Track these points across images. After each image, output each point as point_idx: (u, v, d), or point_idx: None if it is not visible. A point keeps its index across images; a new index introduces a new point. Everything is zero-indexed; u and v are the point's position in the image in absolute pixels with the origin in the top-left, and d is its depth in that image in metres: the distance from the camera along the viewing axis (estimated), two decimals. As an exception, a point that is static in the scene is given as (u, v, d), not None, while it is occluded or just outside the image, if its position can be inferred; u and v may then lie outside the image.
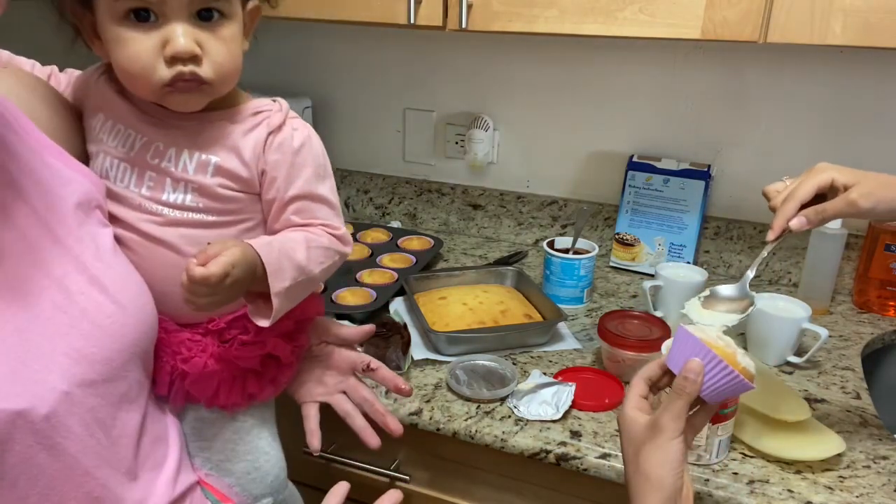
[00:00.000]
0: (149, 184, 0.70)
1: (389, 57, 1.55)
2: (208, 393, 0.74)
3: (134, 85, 0.66)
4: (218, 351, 0.74)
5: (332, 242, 0.74)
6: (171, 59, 0.62)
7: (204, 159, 0.70)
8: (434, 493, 1.04)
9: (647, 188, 1.37)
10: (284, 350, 0.77)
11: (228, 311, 0.75)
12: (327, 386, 0.85)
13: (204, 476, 0.76)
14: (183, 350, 0.73)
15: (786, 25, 0.93)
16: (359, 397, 0.84)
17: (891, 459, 0.87)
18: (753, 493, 0.81)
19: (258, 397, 0.77)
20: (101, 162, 0.71)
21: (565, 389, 0.95)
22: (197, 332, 0.75)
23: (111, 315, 0.61)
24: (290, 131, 0.73)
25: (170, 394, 0.74)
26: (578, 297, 1.25)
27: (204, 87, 0.65)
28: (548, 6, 1.04)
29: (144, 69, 0.63)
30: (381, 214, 1.67)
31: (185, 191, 0.70)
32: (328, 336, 0.86)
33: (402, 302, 1.23)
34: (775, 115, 1.30)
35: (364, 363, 0.85)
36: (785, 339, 1.05)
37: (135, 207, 0.70)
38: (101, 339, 0.60)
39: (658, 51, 1.34)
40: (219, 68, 0.65)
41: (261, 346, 0.75)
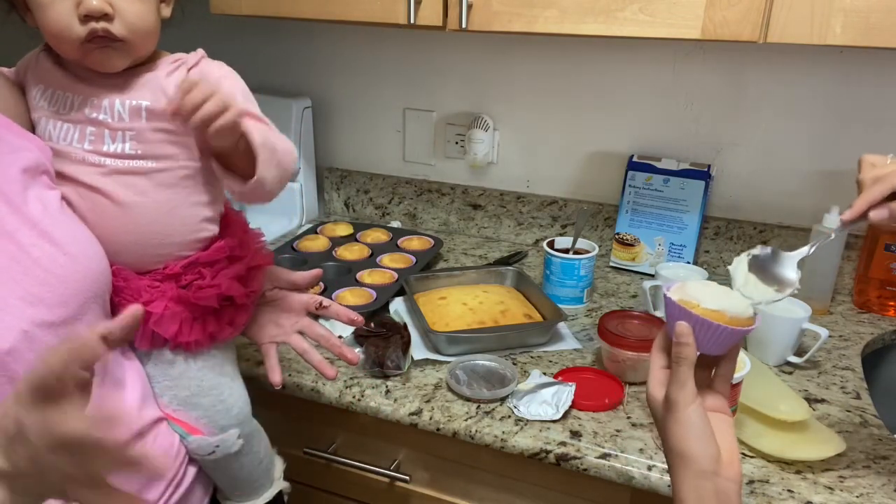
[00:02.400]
0: (90, 138, 0.75)
1: (389, 57, 1.55)
2: (172, 331, 0.79)
3: (58, 45, 0.73)
4: (177, 294, 0.79)
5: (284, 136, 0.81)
6: (85, 18, 0.69)
7: (135, 105, 0.75)
8: (434, 493, 1.04)
9: (647, 188, 1.37)
10: (239, 290, 0.82)
11: (183, 256, 0.81)
12: (283, 327, 0.91)
13: (172, 412, 0.82)
14: (144, 294, 0.78)
15: (786, 25, 0.93)
16: (314, 334, 0.90)
17: (891, 459, 0.87)
18: (753, 493, 0.81)
19: (218, 337, 0.83)
20: (43, 125, 0.76)
21: (565, 389, 0.95)
22: (155, 279, 0.80)
23: (63, 265, 0.68)
24: (207, 64, 0.81)
25: (134, 337, 0.79)
26: (578, 297, 1.25)
27: (118, 44, 0.72)
28: (548, 6, 1.04)
29: (63, 29, 0.70)
30: (381, 214, 1.67)
31: (124, 139, 0.75)
32: (279, 282, 0.93)
33: (402, 302, 1.23)
34: (775, 115, 1.30)
35: (316, 302, 0.91)
36: (785, 339, 1.05)
37: (79, 161, 0.75)
38: (55, 285, 0.66)
39: (658, 51, 1.34)
40: (130, 26, 0.72)
41: (216, 288, 0.80)
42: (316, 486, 1.12)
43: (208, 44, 1.71)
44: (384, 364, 1.01)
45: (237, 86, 0.80)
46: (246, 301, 0.84)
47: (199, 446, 0.83)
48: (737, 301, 0.64)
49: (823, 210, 1.20)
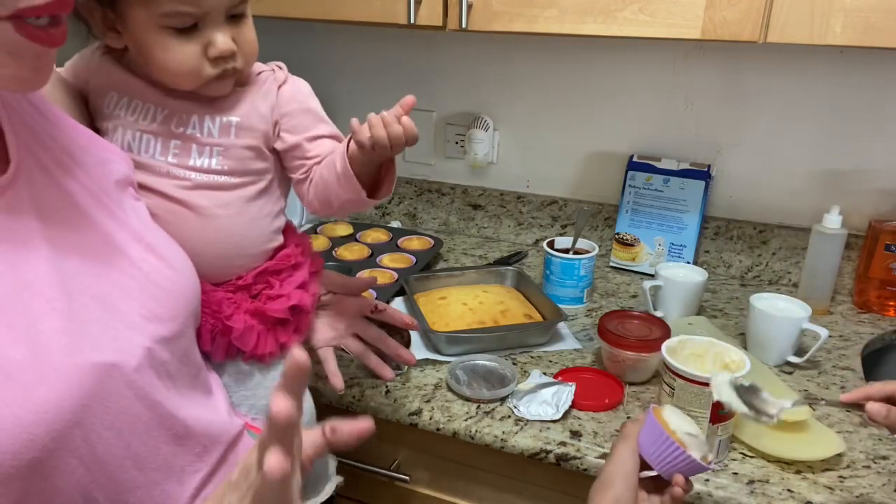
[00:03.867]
0: (174, 151, 0.76)
1: (389, 57, 1.55)
2: (251, 345, 0.80)
3: (177, 81, 0.73)
4: (252, 306, 0.80)
5: None
6: (216, 60, 0.71)
7: (226, 122, 0.76)
8: (434, 493, 1.04)
9: (647, 188, 1.37)
10: (306, 299, 0.83)
11: (252, 267, 0.81)
12: (338, 330, 0.92)
13: (251, 421, 0.81)
14: (224, 308, 0.79)
15: (786, 25, 0.93)
16: (370, 337, 0.92)
17: (891, 459, 0.87)
18: (753, 493, 0.81)
19: (288, 345, 0.83)
20: (120, 136, 0.76)
21: (565, 389, 0.95)
22: (228, 291, 0.80)
23: (170, 278, 0.67)
24: (295, 82, 0.84)
25: (211, 349, 0.79)
26: (578, 297, 1.25)
27: (237, 74, 0.75)
28: (548, 6, 1.04)
29: (191, 70, 0.71)
30: (381, 214, 1.67)
31: (211, 154, 0.76)
32: (334, 286, 0.93)
33: (402, 302, 1.23)
34: (775, 115, 1.30)
35: (372, 305, 0.92)
36: (785, 339, 1.05)
37: (163, 175, 0.75)
38: (166, 300, 0.65)
39: (658, 51, 1.34)
40: (249, 58, 0.75)
41: (286, 299, 0.81)
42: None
43: (208, 44, 1.68)
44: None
45: (316, 101, 0.85)
46: (311, 308, 0.85)
47: None
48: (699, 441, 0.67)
49: (823, 210, 1.20)
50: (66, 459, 0.54)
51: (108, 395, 0.57)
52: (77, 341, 0.56)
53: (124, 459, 0.59)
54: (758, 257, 1.37)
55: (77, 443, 0.54)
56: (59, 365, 0.53)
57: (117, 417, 0.58)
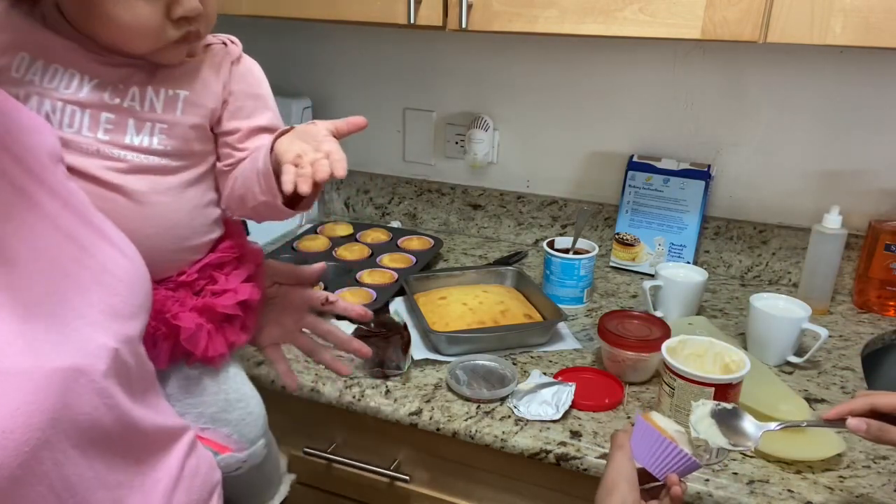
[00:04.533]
0: (106, 126, 0.66)
1: (389, 57, 1.55)
2: (201, 346, 0.73)
3: (130, 43, 0.64)
4: (199, 303, 0.73)
5: None
6: (181, 21, 0.64)
7: (172, 95, 0.68)
8: (434, 493, 1.04)
9: (647, 188, 1.37)
10: (256, 294, 0.77)
11: (195, 260, 0.75)
12: (286, 327, 0.85)
13: (199, 432, 0.75)
14: (168, 307, 0.71)
15: (786, 25, 0.93)
16: (320, 332, 0.85)
17: (891, 459, 0.87)
18: (753, 493, 0.81)
19: (237, 344, 0.77)
20: (35, 106, 0.64)
21: (565, 389, 0.95)
22: (169, 288, 0.72)
23: (126, 269, 0.58)
24: (250, 63, 0.76)
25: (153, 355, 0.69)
26: (578, 297, 1.25)
27: (196, 41, 0.68)
28: (548, 6, 1.04)
29: (153, 30, 0.63)
30: (381, 214, 1.67)
31: (152, 132, 0.67)
32: (280, 277, 0.85)
33: (402, 302, 1.23)
34: (775, 115, 1.30)
35: (322, 298, 0.84)
36: (785, 339, 1.05)
37: (91, 154, 0.65)
38: (124, 293, 0.57)
39: (658, 51, 1.34)
40: (210, 23, 0.68)
41: (234, 293, 0.75)
42: (316, 486, 1.12)
43: (208, 44, 1.68)
44: (384, 364, 1.01)
45: (269, 94, 0.78)
46: (258, 304, 0.79)
47: (228, 464, 0.77)
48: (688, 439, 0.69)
49: (823, 210, 1.20)
50: (35, 488, 0.45)
51: (76, 405, 0.48)
52: (34, 344, 0.47)
53: (91, 480, 0.51)
54: (758, 257, 1.37)
55: (47, 467, 0.46)
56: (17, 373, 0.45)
57: (86, 433, 0.49)
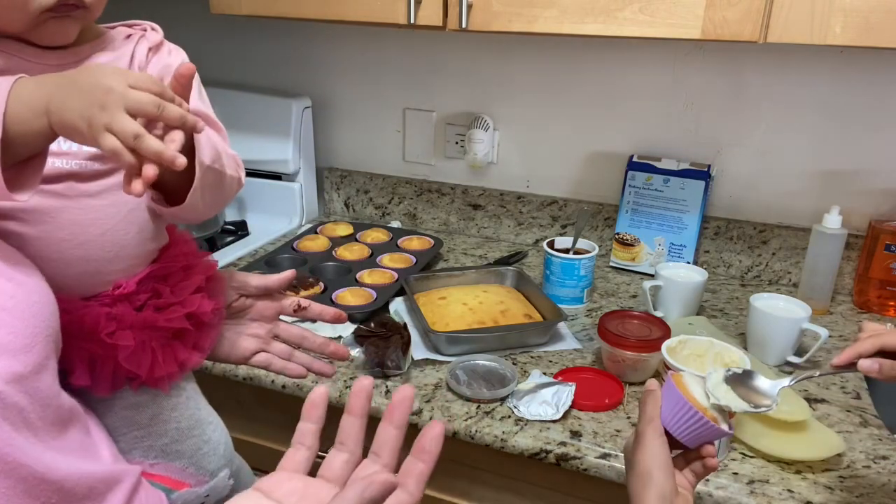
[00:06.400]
0: None
1: (389, 57, 1.55)
2: (146, 366, 0.66)
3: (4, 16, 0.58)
4: (139, 318, 0.66)
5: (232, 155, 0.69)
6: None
7: None
8: (434, 493, 1.04)
9: (647, 188, 1.37)
10: (206, 306, 0.70)
11: (133, 273, 0.67)
12: (259, 337, 0.80)
13: (148, 467, 0.68)
14: (102, 326, 0.64)
15: (786, 25, 0.93)
16: (294, 337, 0.81)
17: (891, 459, 0.87)
18: (753, 493, 0.81)
19: (188, 364, 0.70)
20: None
21: (565, 389, 0.95)
22: (104, 304, 0.65)
23: (13, 295, 0.51)
24: (169, 49, 0.70)
25: (91, 383, 0.64)
26: (578, 297, 1.25)
27: (79, 12, 0.60)
28: (548, 6, 1.04)
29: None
30: (381, 214, 1.67)
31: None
32: (246, 289, 0.79)
33: (402, 302, 1.23)
34: (775, 115, 1.30)
35: (293, 304, 0.80)
36: (785, 339, 1.05)
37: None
38: (13, 324, 0.49)
39: (658, 51, 1.34)
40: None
41: (180, 306, 0.68)
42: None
43: (208, 44, 1.72)
44: (384, 364, 1.01)
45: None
46: (214, 319, 0.72)
47: (187, 501, 0.70)
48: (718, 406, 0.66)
49: (823, 210, 1.20)
50: None
51: None
52: None
53: None
54: (758, 257, 1.37)
55: None
56: None
57: None
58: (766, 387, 0.69)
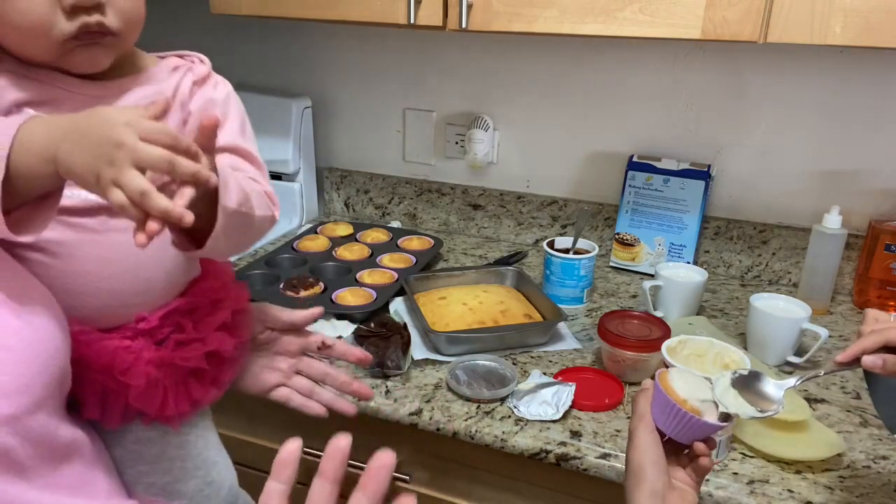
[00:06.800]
0: None
1: (389, 57, 1.55)
2: (155, 404, 0.65)
3: (25, 43, 0.57)
4: (156, 355, 0.65)
5: (264, 194, 0.66)
6: (72, 9, 0.55)
7: None
8: (434, 493, 1.04)
9: (647, 188, 1.37)
10: (228, 344, 0.69)
11: (158, 306, 0.67)
12: (281, 371, 0.79)
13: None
14: (118, 361, 0.63)
15: (786, 25, 0.93)
16: (317, 373, 0.79)
17: (891, 459, 0.87)
18: (753, 493, 0.81)
19: (203, 402, 0.69)
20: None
21: (565, 389, 0.95)
22: (125, 337, 0.65)
23: (18, 332, 0.50)
24: (215, 82, 0.69)
25: (103, 416, 0.64)
26: (578, 297, 1.25)
27: (108, 39, 0.59)
28: (548, 6, 1.04)
29: (41, 23, 0.55)
30: (381, 214, 1.67)
31: None
32: (274, 322, 0.78)
33: (402, 302, 1.23)
34: (775, 115, 1.30)
35: (317, 342, 0.79)
36: (785, 339, 1.05)
37: None
38: (14, 363, 0.49)
39: (658, 51, 1.34)
40: (125, 15, 0.59)
41: (202, 344, 0.67)
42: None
43: (208, 44, 1.72)
44: (384, 364, 1.01)
45: (236, 112, 0.69)
46: (234, 355, 0.71)
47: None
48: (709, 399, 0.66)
49: (823, 210, 1.20)
50: None
51: None
52: None
53: None
54: (758, 257, 1.37)
55: None
56: None
57: None
58: (772, 388, 0.69)
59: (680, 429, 0.65)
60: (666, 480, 0.63)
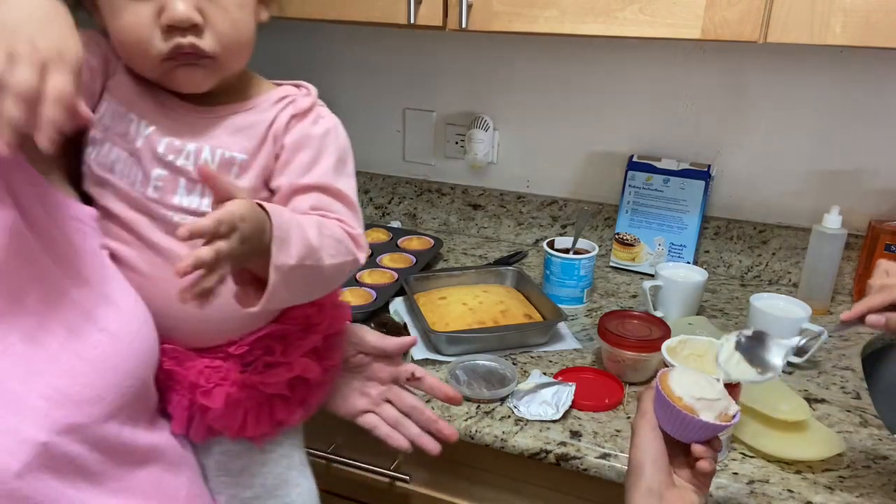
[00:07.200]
0: (156, 184, 0.61)
1: (389, 57, 1.55)
2: (234, 426, 0.66)
3: (132, 60, 0.59)
4: (240, 378, 0.65)
5: (345, 238, 0.63)
6: (168, 29, 0.55)
7: (228, 157, 0.61)
8: (434, 493, 1.04)
9: (647, 188, 1.37)
10: (314, 371, 0.69)
11: (250, 331, 0.67)
12: (371, 397, 0.78)
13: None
14: (202, 381, 0.64)
15: (786, 25, 0.93)
16: (405, 406, 0.79)
17: (891, 459, 0.87)
18: (753, 493, 0.81)
19: (287, 423, 0.69)
20: (106, 152, 0.61)
21: (565, 389, 0.95)
22: (216, 358, 0.66)
23: (97, 345, 0.52)
24: (316, 117, 0.67)
25: (189, 431, 0.66)
26: (578, 297, 1.25)
27: (206, 61, 0.59)
28: (548, 6, 1.04)
29: (140, 41, 0.56)
30: (381, 214, 1.67)
31: (203, 194, 0.61)
32: (365, 347, 0.78)
33: (402, 302, 1.23)
34: (775, 115, 1.30)
35: (407, 373, 0.79)
36: (785, 339, 1.05)
37: (140, 210, 0.61)
38: (88, 374, 0.51)
39: (658, 51, 1.34)
40: (223, 39, 0.58)
41: (287, 369, 0.67)
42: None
43: (208, 44, 1.68)
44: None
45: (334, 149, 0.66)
46: (323, 379, 0.71)
47: None
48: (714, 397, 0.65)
49: (823, 210, 1.20)
50: None
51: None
52: None
53: None
54: (758, 257, 1.37)
55: None
56: None
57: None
58: (776, 351, 0.68)
59: (678, 427, 0.64)
60: (664, 479, 0.63)
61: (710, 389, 0.66)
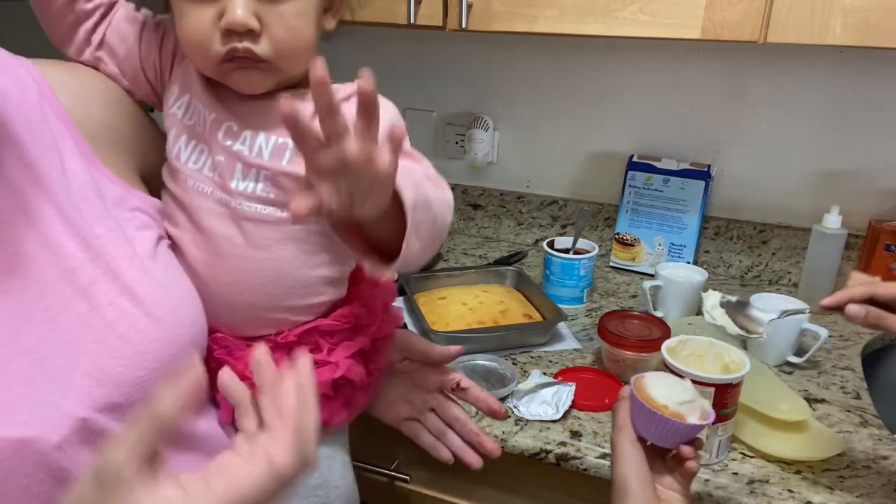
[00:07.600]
0: (216, 169, 0.63)
1: (389, 57, 1.55)
2: None
3: (194, 60, 0.62)
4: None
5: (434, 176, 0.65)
6: (226, 33, 0.57)
7: (281, 143, 0.63)
8: (434, 493, 1.04)
9: (647, 188, 1.37)
10: (359, 373, 0.69)
11: (298, 322, 0.68)
12: (415, 404, 0.79)
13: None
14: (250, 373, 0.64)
15: (786, 25, 0.93)
16: (449, 416, 0.78)
17: (891, 459, 0.87)
18: (753, 493, 0.81)
19: (331, 423, 0.70)
20: (172, 140, 0.65)
21: (565, 389, 0.95)
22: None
23: (143, 329, 0.54)
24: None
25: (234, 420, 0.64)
26: (578, 297, 1.25)
27: (263, 65, 0.60)
28: (548, 6, 1.04)
29: (201, 43, 0.58)
30: (381, 214, 1.67)
31: (257, 179, 0.62)
32: (412, 353, 0.79)
33: (402, 302, 1.23)
34: (775, 115, 1.30)
35: (454, 382, 0.78)
36: (785, 339, 1.05)
37: (203, 195, 0.63)
38: (131, 356, 0.53)
39: (658, 51, 1.34)
40: (279, 45, 0.59)
41: (332, 369, 0.67)
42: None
43: (208, 44, 1.68)
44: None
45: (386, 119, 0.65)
46: (368, 381, 0.72)
47: None
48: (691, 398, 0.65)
49: (823, 210, 1.20)
50: None
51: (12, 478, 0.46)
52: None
53: None
54: (758, 257, 1.37)
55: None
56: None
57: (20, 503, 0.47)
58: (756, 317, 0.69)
59: (663, 434, 0.64)
60: (651, 494, 0.63)
61: (685, 392, 0.66)
